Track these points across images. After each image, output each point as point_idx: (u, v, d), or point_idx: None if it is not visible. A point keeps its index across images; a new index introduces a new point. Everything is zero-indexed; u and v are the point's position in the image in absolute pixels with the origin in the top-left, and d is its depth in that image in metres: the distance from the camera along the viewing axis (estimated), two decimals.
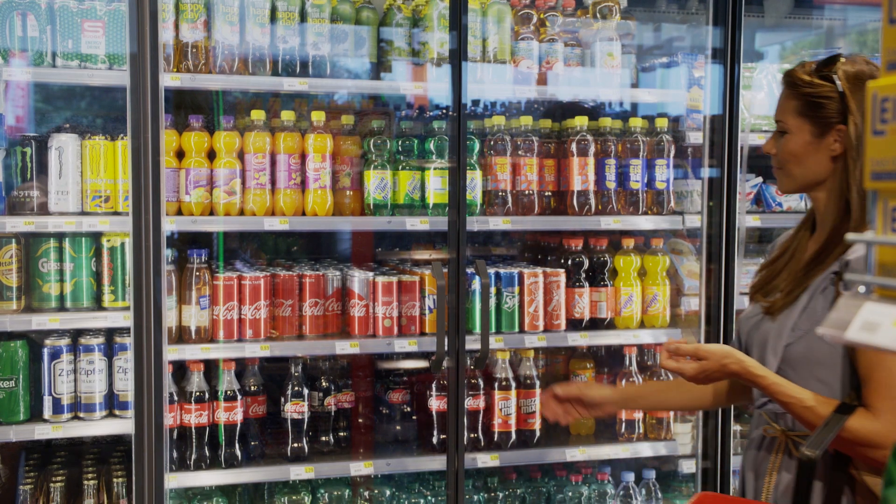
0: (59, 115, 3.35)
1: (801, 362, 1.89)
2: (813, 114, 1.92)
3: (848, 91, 1.88)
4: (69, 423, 2.85)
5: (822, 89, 1.91)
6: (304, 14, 3.04)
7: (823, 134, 1.91)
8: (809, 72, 1.94)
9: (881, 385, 1.74)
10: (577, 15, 3.44)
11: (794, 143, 1.95)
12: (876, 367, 1.75)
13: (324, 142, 3.02)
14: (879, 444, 1.73)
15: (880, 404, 1.74)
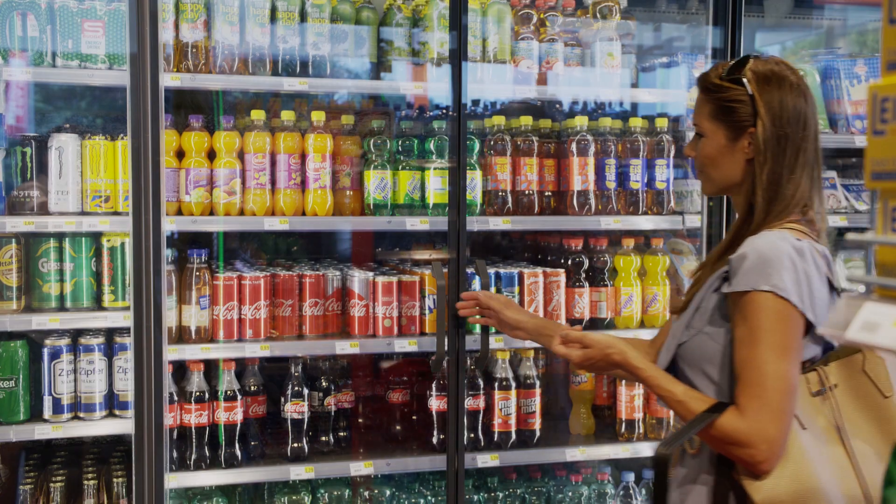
0: (59, 115, 3.35)
1: (694, 360, 1.90)
2: (725, 117, 1.93)
3: (757, 93, 1.88)
4: (69, 423, 2.85)
5: (733, 93, 1.91)
6: (304, 14, 3.04)
7: (737, 137, 1.92)
8: (721, 75, 1.94)
9: (750, 384, 1.74)
10: (577, 15, 3.44)
11: (710, 146, 1.96)
12: (746, 366, 1.76)
13: (324, 142, 3.02)
14: (745, 443, 1.73)
15: (747, 403, 1.74)
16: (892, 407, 1.81)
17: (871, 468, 1.77)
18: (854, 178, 3.78)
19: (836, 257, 3.69)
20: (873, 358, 1.82)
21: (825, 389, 1.80)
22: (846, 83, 3.64)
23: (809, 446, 1.75)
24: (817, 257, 1.81)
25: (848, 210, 3.64)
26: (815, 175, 1.92)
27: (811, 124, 1.90)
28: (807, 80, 3.61)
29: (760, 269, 1.74)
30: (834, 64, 3.70)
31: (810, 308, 1.76)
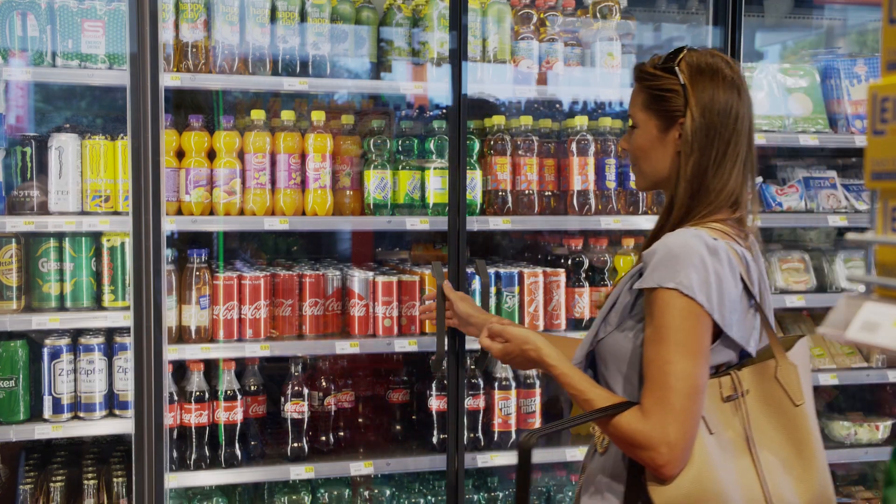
0: (59, 115, 3.35)
1: (609, 358, 1.85)
2: (657, 107, 1.86)
3: (689, 84, 1.82)
4: (69, 423, 2.85)
5: (666, 82, 1.85)
6: (304, 14, 3.04)
7: (668, 128, 1.85)
8: (655, 64, 1.89)
9: (653, 384, 1.68)
10: (577, 15, 3.44)
11: (642, 137, 1.90)
12: (650, 365, 1.70)
13: (324, 141, 3.02)
14: (645, 445, 1.67)
15: (649, 404, 1.68)
16: (802, 415, 1.77)
17: (776, 478, 1.73)
18: (854, 178, 3.77)
19: (835, 257, 3.69)
20: (785, 364, 1.77)
21: (737, 395, 1.75)
22: (846, 83, 3.64)
23: (714, 451, 1.70)
24: (733, 259, 1.74)
25: (848, 210, 3.64)
26: (747, 173, 1.85)
27: (743, 120, 1.83)
28: (805, 79, 3.61)
29: (668, 265, 1.69)
30: (834, 64, 3.70)
31: (718, 310, 1.69)
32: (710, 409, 1.73)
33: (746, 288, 1.76)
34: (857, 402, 3.96)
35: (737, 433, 1.74)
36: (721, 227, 1.80)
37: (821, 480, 1.77)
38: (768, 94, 3.57)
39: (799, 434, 1.76)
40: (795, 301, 3.49)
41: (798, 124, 3.57)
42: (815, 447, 1.77)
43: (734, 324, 1.73)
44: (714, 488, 1.67)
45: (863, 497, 3.73)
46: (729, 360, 1.79)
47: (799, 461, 1.75)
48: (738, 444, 1.74)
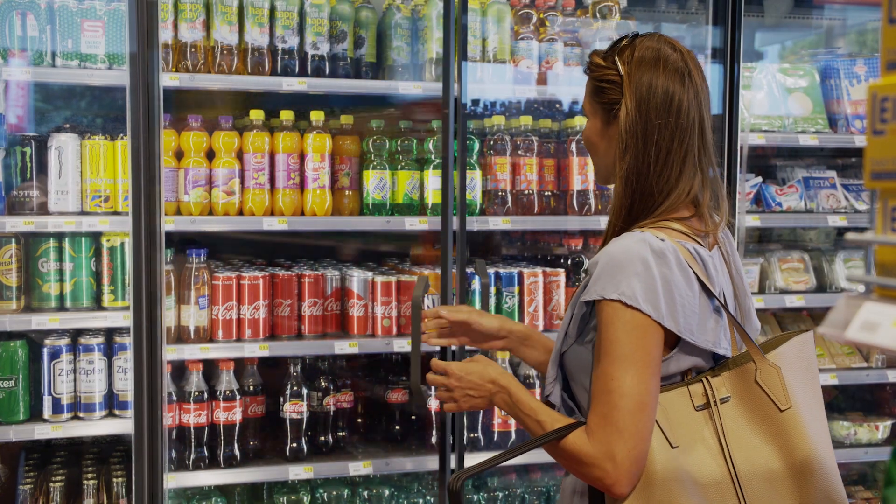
0: (59, 115, 3.35)
1: (574, 371, 1.74)
2: (599, 99, 1.75)
3: (626, 74, 1.69)
4: (69, 423, 2.85)
5: (607, 73, 1.73)
6: (303, 14, 3.04)
7: (610, 121, 1.74)
8: (602, 55, 1.77)
9: (598, 401, 1.59)
10: (577, 15, 3.44)
11: (589, 130, 1.80)
12: (596, 381, 1.60)
13: (322, 141, 3.02)
14: (591, 464, 1.58)
15: (594, 421, 1.58)
16: (789, 420, 1.63)
17: (759, 490, 1.61)
18: (854, 177, 3.78)
19: (835, 257, 3.69)
20: (766, 368, 1.64)
21: (710, 403, 1.63)
22: (846, 83, 3.64)
23: (679, 468, 1.59)
24: (684, 259, 1.61)
25: (848, 210, 3.64)
26: (704, 168, 1.71)
27: (689, 112, 1.68)
28: (805, 79, 3.60)
29: (609, 275, 1.58)
30: (833, 64, 3.70)
31: (669, 316, 1.57)
32: (677, 419, 1.62)
33: (706, 289, 1.65)
34: (856, 402, 3.96)
35: (710, 445, 1.62)
36: (677, 226, 1.68)
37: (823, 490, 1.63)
38: (768, 94, 3.57)
39: (789, 441, 1.63)
40: (795, 301, 3.49)
41: (798, 124, 3.57)
42: (813, 456, 1.63)
43: (694, 328, 1.62)
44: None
45: (863, 497, 3.73)
46: (696, 365, 1.68)
47: (790, 472, 1.63)
48: (711, 457, 1.61)
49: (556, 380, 1.76)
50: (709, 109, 1.75)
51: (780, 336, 1.75)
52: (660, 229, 1.65)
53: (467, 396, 1.83)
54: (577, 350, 1.72)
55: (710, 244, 1.72)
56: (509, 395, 1.76)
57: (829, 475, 1.65)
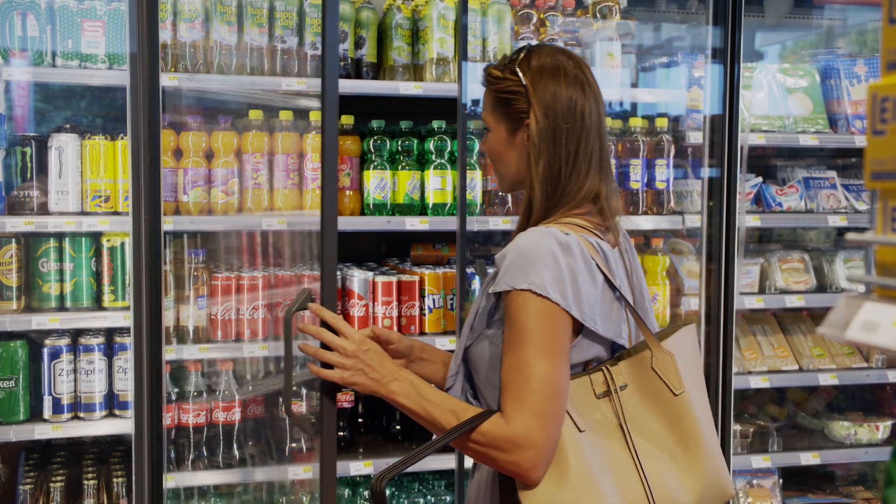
0: (59, 115, 3.35)
1: (479, 365, 1.79)
2: (503, 110, 1.83)
3: (530, 84, 1.78)
4: (69, 423, 2.85)
5: (509, 84, 1.81)
6: (303, 14, 3.04)
7: (515, 130, 1.82)
8: (501, 66, 1.85)
9: (514, 387, 1.63)
10: (577, 15, 3.44)
11: (493, 140, 1.87)
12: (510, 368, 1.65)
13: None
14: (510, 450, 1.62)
15: (512, 407, 1.62)
16: (683, 404, 1.73)
17: (657, 469, 1.70)
18: (854, 178, 3.78)
19: (835, 257, 3.69)
20: (661, 354, 1.73)
21: (611, 390, 1.71)
22: (846, 83, 3.64)
23: (588, 450, 1.66)
24: (587, 251, 1.70)
25: (848, 210, 3.64)
26: (603, 167, 1.82)
27: (590, 115, 1.79)
28: (805, 79, 3.60)
29: (519, 267, 1.65)
30: (834, 64, 3.70)
31: (575, 305, 1.65)
32: (581, 407, 1.69)
33: (608, 280, 1.73)
34: (857, 402, 3.96)
35: (613, 430, 1.71)
36: (580, 220, 1.77)
37: (710, 470, 1.73)
38: (768, 94, 3.57)
39: (682, 423, 1.72)
40: (795, 301, 3.49)
41: (798, 124, 3.57)
42: (701, 436, 1.73)
43: (598, 318, 1.70)
44: (592, 489, 1.64)
45: (863, 497, 3.73)
46: (598, 356, 1.76)
47: (684, 451, 1.72)
48: (615, 441, 1.70)
49: (457, 374, 1.82)
50: (603, 112, 1.86)
51: (669, 327, 1.85)
52: (565, 225, 1.74)
53: (361, 372, 1.78)
54: (482, 344, 1.78)
55: (611, 241, 1.81)
56: (412, 384, 1.75)
57: (714, 456, 1.75)
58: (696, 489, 1.72)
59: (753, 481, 3.59)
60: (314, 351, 1.78)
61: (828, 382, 3.58)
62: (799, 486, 3.77)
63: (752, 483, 3.59)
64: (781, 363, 3.59)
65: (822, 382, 3.57)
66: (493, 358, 1.75)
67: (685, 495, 1.70)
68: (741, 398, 3.79)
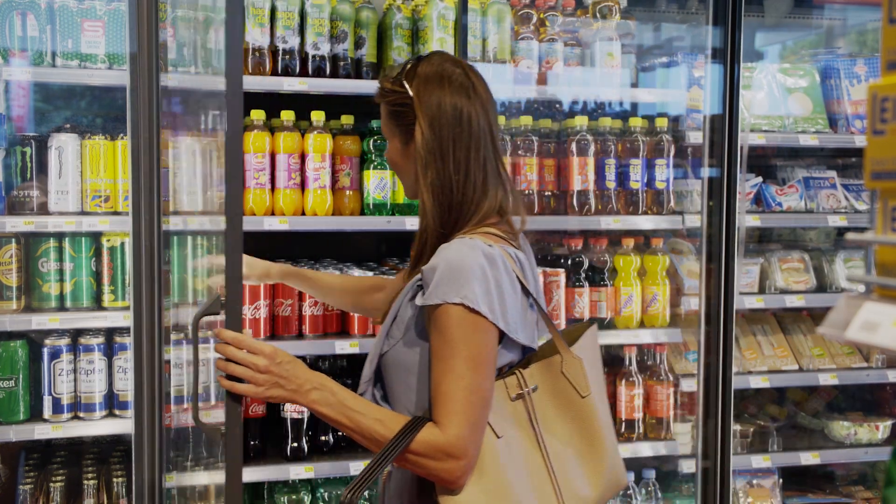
0: (59, 115, 3.35)
1: (396, 372, 1.81)
2: (396, 122, 1.86)
3: (416, 96, 1.81)
4: (69, 423, 2.85)
5: (399, 96, 1.84)
6: (304, 14, 3.04)
7: (408, 141, 1.85)
8: (391, 78, 1.88)
9: (448, 398, 1.67)
10: (577, 15, 3.44)
11: (391, 151, 1.91)
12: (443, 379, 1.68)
13: (323, 142, 3.02)
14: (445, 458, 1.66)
15: (446, 417, 1.67)
16: (589, 406, 1.81)
17: (568, 471, 1.78)
18: (854, 177, 3.78)
19: (835, 257, 3.69)
20: (570, 359, 1.81)
21: (524, 393, 1.77)
22: (846, 83, 3.65)
23: (505, 456, 1.72)
24: (509, 263, 1.75)
25: (848, 210, 3.64)
26: (501, 174, 1.85)
27: (477, 122, 1.80)
28: (805, 79, 3.60)
29: (451, 280, 1.67)
30: (834, 64, 3.70)
31: (501, 317, 1.70)
32: (498, 411, 1.74)
33: (524, 288, 1.79)
34: (857, 402, 3.97)
35: (526, 431, 1.77)
36: (494, 230, 1.80)
37: (610, 466, 1.83)
38: (768, 94, 3.57)
39: (587, 424, 1.81)
40: (795, 301, 3.49)
41: (798, 124, 3.57)
42: (603, 434, 1.82)
43: (518, 327, 1.76)
44: (506, 492, 1.70)
45: (863, 497, 3.73)
46: (511, 360, 1.81)
47: (589, 450, 1.81)
48: (528, 442, 1.77)
49: (370, 380, 1.84)
50: (495, 118, 1.88)
51: (575, 328, 1.93)
52: (484, 235, 1.78)
53: (276, 385, 1.73)
54: (401, 351, 1.80)
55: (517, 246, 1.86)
56: (332, 393, 1.74)
57: (612, 451, 1.86)
58: (599, 485, 1.81)
59: (753, 481, 3.59)
60: (223, 366, 1.74)
61: (828, 382, 3.58)
62: (799, 486, 3.77)
63: (751, 483, 3.59)
64: (781, 363, 3.59)
65: (822, 382, 3.57)
66: (412, 365, 1.79)
67: (590, 491, 1.80)
68: (741, 398, 3.79)
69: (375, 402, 1.84)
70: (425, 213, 1.82)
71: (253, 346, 1.73)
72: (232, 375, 1.72)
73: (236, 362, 1.72)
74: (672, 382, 3.39)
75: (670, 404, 3.37)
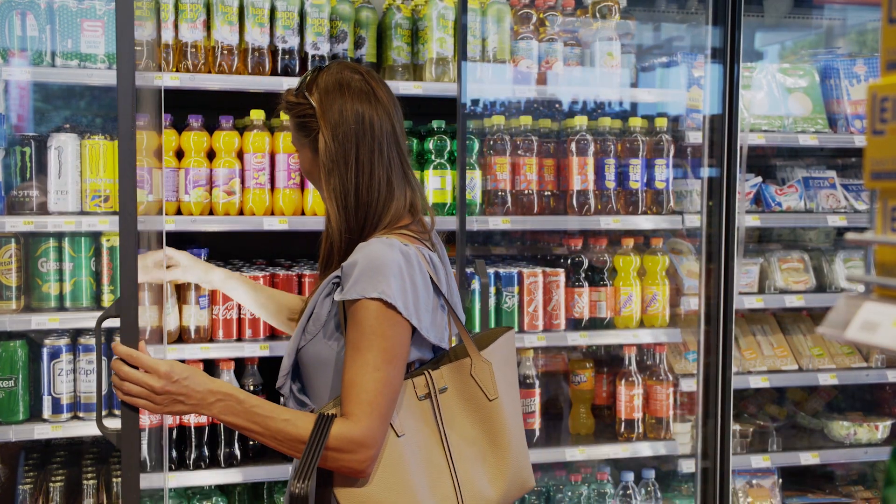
0: (59, 115, 3.35)
1: (313, 366, 1.86)
2: (303, 133, 1.90)
3: (318, 106, 1.85)
4: (69, 423, 2.85)
5: (303, 108, 1.88)
6: (304, 14, 3.04)
7: (317, 150, 1.88)
8: (294, 93, 1.92)
9: (360, 389, 1.71)
10: (577, 14, 3.44)
11: (303, 161, 1.95)
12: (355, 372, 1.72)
13: None
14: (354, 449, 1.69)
15: (357, 409, 1.70)
16: (496, 409, 1.86)
17: (469, 471, 1.82)
18: (854, 177, 3.78)
19: (835, 257, 3.69)
20: (479, 362, 1.85)
21: (431, 393, 1.82)
22: (846, 83, 3.65)
23: (407, 453, 1.76)
24: (423, 263, 1.80)
25: (847, 210, 3.64)
26: (408, 175, 1.90)
27: (380, 126, 1.85)
28: (805, 79, 3.60)
29: (370, 276, 1.72)
30: (833, 64, 3.70)
31: (415, 314, 1.75)
32: (404, 409, 1.79)
33: (436, 289, 1.83)
34: (856, 401, 3.97)
35: (431, 430, 1.82)
36: (408, 232, 1.85)
37: (515, 466, 1.88)
38: (768, 93, 3.57)
39: (493, 426, 1.85)
40: (795, 301, 3.49)
41: (797, 124, 3.58)
42: (508, 437, 1.86)
43: (429, 325, 1.80)
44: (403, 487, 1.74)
45: (862, 497, 3.73)
46: (421, 358, 1.85)
47: (493, 452, 1.85)
48: (432, 440, 1.81)
49: (288, 374, 1.89)
50: (400, 121, 1.91)
51: (490, 332, 1.96)
52: (400, 235, 1.82)
53: (176, 402, 1.74)
54: (317, 346, 1.84)
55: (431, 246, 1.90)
56: (238, 401, 1.76)
57: (519, 454, 1.90)
58: (501, 485, 1.85)
59: (753, 481, 3.59)
60: (118, 384, 1.73)
61: (827, 382, 3.58)
62: (798, 486, 3.77)
63: (751, 483, 3.59)
64: (781, 363, 3.59)
65: (821, 382, 3.57)
66: (329, 360, 1.84)
67: (492, 492, 1.84)
68: (741, 398, 3.79)
69: (293, 394, 1.90)
70: (329, 219, 1.88)
71: (148, 365, 1.73)
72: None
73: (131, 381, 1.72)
74: (672, 382, 3.39)
75: (670, 404, 3.38)
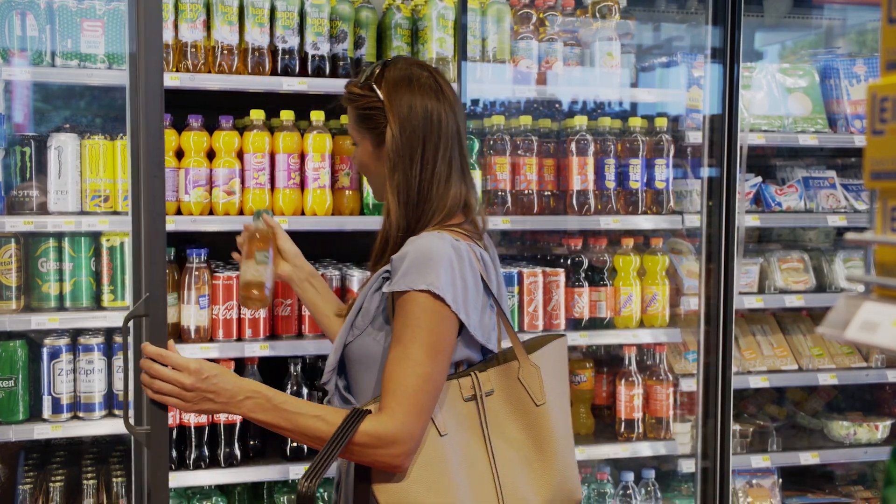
0: (59, 115, 3.35)
1: (360, 361, 1.86)
2: (366, 126, 1.91)
3: (387, 99, 1.86)
4: (68, 423, 2.85)
5: (368, 100, 1.89)
6: (304, 14, 3.04)
7: (380, 144, 1.89)
8: (359, 83, 1.92)
9: (400, 383, 1.70)
10: (577, 14, 3.44)
11: (361, 154, 1.95)
12: (397, 364, 1.71)
13: (323, 141, 3.02)
14: (391, 443, 1.68)
15: (396, 401, 1.69)
16: (543, 414, 1.84)
17: (513, 475, 1.80)
18: (853, 177, 3.78)
19: (835, 257, 3.69)
20: (527, 366, 1.84)
21: (477, 396, 1.80)
22: (845, 83, 3.65)
23: (449, 453, 1.75)
24: (474, 260, 1.80)
25: (847, 210, 3.64)
26: (466, 174, 1.91)
27: (446, 123, 1.86)
28: (805, 79, 3.60)
29: (419, 268, 1.71)
30: (833, 64, 3.70)
31: (463, 309, 1.74)
32: (449, 409, 1.78)
33: (486, 287, 1.82)
34: (856, 401, 3.97)
35: (475, 433, 1.80)
36: (459, 230, 1.85)
37: (561, 475, 1.84)
38: (767, 93, 3.57)
39: (540, 433, 1.83)
40: (795, 301, 3.49)
41: (797, 124, 3.58)
42: (556, 444, 1.84)
43: (477, 323, 1.79)
44: (443, 486, 1.72)
45: (862, 497, 3.73)
46: (468, 358, 1.84)
47: (539, 458, 1.83)
48: (476, 443, 1.79)
49: (334, 369, 1.87)
50: (463, 120, 1.92)
51: (541, 338, 1.94)
52: (450, 231, 1.82)
53: (206, 400, 1.77)
54: (365, 341, 1.84)
55: (483, 246, 1.90)
56: (267, 399, 1.76)
57: (567, 464, 1.87)
58: (546, 493, 1.82)
59: (753, 481, 3.59)
60: (149, 383, 1.77)
61: (827, 382, 3.58)
62: (798, 486, 3.77)
63: (751, 483, 3.59)
64: (781, 363, 3.59)
65: (821, 382, 3.57)
66: (376, 355, 1.83)
67: (536, 499, 1.81)
68: (740, 398, 3.79)
69: (338, 391, 1.88)
70: (389, 213, 1.87)
71: (177, 363, 1.76)
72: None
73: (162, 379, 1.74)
74: (672, 382, 3.39)
75: (670, 404, 3.37)
